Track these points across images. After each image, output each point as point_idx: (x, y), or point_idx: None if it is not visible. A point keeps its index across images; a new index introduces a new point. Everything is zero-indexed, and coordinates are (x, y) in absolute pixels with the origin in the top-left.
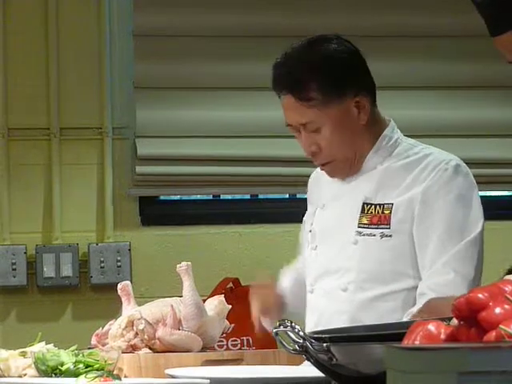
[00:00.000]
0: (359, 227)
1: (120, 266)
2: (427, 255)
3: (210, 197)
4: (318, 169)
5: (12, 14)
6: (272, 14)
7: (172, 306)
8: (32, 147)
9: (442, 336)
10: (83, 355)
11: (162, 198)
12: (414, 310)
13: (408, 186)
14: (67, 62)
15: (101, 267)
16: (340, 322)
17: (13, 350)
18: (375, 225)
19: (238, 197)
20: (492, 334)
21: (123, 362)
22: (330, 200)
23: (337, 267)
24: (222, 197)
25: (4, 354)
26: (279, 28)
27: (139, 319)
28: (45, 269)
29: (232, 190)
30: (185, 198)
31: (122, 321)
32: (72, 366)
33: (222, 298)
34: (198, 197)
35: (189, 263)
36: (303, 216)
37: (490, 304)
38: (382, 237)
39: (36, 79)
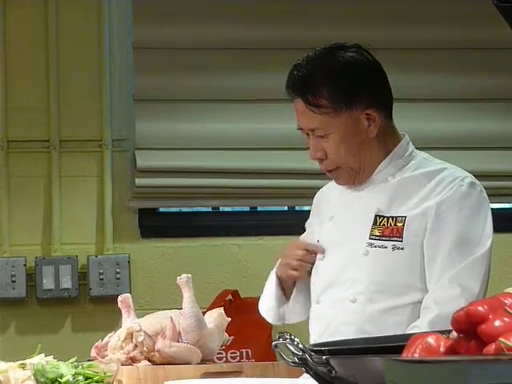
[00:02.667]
0: (370, 239)
1: (119, 278)
2: (435, 269)
3: (210, 209)
4: (328, 184)
5: (12, 27)
6: (272, 27)
7: (171, 318)
8: (32, 159)
9: (442, 349)
10: (82, 367)
11: (161, 210)
12: (418, 323)
13: (422, 199)
14: (67, 74)
15: (100, 279)
16: (347, 333)
17: (12, 362)
18: (387, 237)
19: (237, 209)
20: (491, 347)
21: (122, 374)
22: (340, 211)
23: (346, 278)
24: (221, 209)
25: (3, 366)
26: (279, 41)
27: (138, 331)
28: (44, 281)
29: (231, 203)
30: (184, 210)
31: (121, 333)
32: (71, 378)
33: (221, 310)
34: (198, 209)
35: (189, 275)
36: (302, 228)
37: (490, 317)
38: (393, 249)
39: (36, 92)
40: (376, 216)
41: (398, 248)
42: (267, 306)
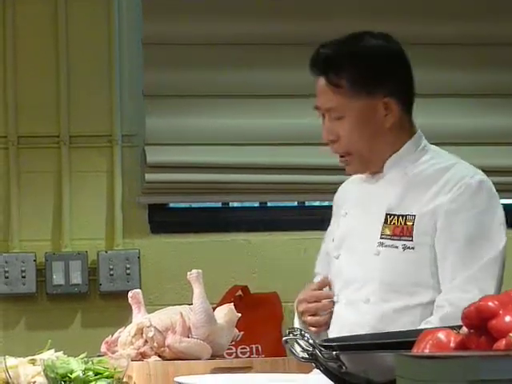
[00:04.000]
0: (381, 238)
1: (129, 274)
2: (448, 268)
3: (219, 204)
4: (345, 183)
5: (22, 24)
6: (283, 22)
7: (181, 313)
8: (42, 155)
9: (452, 344)
10: (93, 363)
11: (171, 205)
12: (430, 319)
13: (432, 197)
14: (77, 70)
15: (110, 275)
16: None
17: (22, 358)
18: (397, 236)
19: (247, 204)
20: (502, 343)
21: (132, 369)
22: (353, 207)
23: (359, 278)
24: (231, 204)
25: (13, 362)
26: (290, 36)
27: (148, 327)
28: (54, 276)
29: (241, 198)
30: (194, 205)
31: (131, 328)
32: (81, 374)
33: (231, 306)
34: (208, 204)
35: (199, 271)
36: (312, 224)
37: (500, 312)
38: (404, 249)
39: (46, 87)
40: (387, 215)
41: (409, 248)
42: None
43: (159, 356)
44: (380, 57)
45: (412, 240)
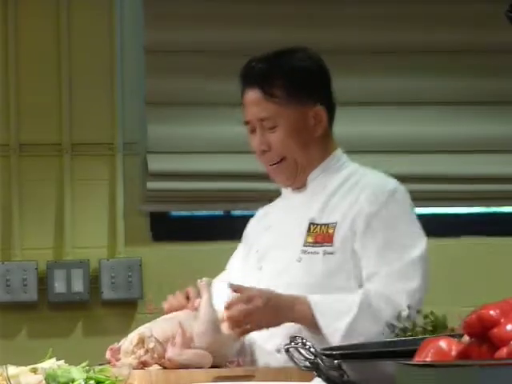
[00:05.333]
0: (305, 246)
1: (131, 282)
2: (369, 265)
3: (221, 213)
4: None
5: (24, 30)
6: (285, 31)
7: (180, 323)
8: (43, 163)
9: (453, 353)
10: (94, 371)
11: (173, 213)
12: (350, 301)
13: (351, 205)
14: (79, 77)
15: (112, 283)
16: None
17: (23, 366)
18: (319, 243)
19: (249, 213)
20: (503, 351)
21: (134, 378)
22: (276, 221)
23: (281, 283)
24: (233, 213)
25: (15, 370)
26: (292, 44)
27: (149, 337)
28: (56, 284)
29: (243, 206)
30: (196, 213)
31: (133, 337)
32: (83, 383)
33: None
34: (209, 213)
35: (210, 279)
36: None
37: (502, 321)
38: (324, 254)
39: (48, 95)
40: (310, 224)
41: (328, 253)
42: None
43: (160, 365)
44: (310, 67)
45: (332, 245)
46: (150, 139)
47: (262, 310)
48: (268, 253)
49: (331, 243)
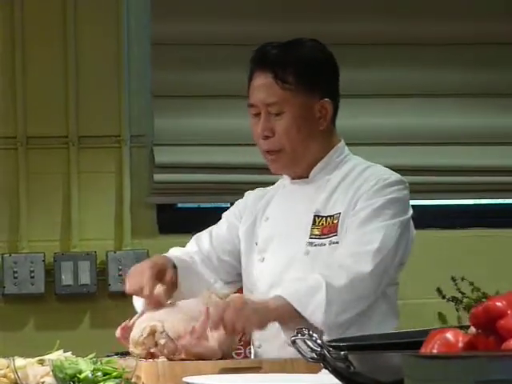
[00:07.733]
0: (311, 238)
1: None
2: (348, 233)
3: (228, 205)
4: (267, 188)
5: (30, 24)
6: (292, 22)
7: (208, 308)
8: (50, 156)
9: (460, 344)
10: (101, 363)
11: (179, 205)
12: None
13: (353, 195)
14: (85, 70)
15: (119, 275)
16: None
17: (31, 358)
18: (326, 235)
19: None
20: (510, 342)
21: (141, 369)
22: (278, 213)
23: (287, 278)
24: None
25: (22, 362)
26: (299, 36)
27: (161, 332)
28: (63, 277)
29: None
30: (203, 205)
31: (144, 329)
32: (90, 374)
33: None
34: (216, 205)
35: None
36: None
37: (508, 312)
38: (330, 244)
39: (54, 88)
40: (315, 216)
41: (334, 242)
42: None
43: (168, 358)
44: (322, 60)
45: (337, 235)
46: (156, 131)
47: (242, 312)
48: (269, 245)
49: (336, 232)
